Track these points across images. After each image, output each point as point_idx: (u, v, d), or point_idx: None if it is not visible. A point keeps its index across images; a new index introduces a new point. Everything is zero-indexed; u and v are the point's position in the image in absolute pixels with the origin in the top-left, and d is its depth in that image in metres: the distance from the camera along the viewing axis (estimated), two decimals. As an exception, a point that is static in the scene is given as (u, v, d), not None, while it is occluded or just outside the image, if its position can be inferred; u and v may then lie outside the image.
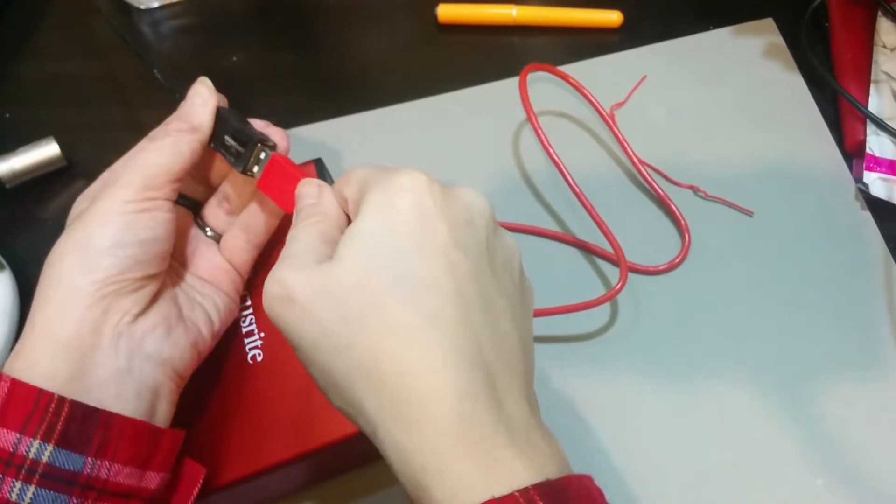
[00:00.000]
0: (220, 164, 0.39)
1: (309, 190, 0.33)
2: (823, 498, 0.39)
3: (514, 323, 0.28)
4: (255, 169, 0.36)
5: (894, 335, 0.43)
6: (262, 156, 0.36)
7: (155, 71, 0.50)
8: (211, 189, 0.40)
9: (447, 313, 0.26)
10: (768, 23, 0.55)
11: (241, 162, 0.36)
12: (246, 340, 0.40)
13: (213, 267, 0.39)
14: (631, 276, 0.46)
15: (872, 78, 0.50)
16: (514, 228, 0.48)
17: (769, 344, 0.44)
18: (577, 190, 0.45)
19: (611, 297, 0.42)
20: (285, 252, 0.30)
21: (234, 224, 0.39)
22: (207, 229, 0.39)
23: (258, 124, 0.38)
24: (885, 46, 0.52)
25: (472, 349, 0.26)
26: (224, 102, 0.38)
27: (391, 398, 0.26)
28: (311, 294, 0.27)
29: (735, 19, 0.55)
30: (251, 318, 0.41)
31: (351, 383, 0.27)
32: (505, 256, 0.30)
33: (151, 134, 0.36)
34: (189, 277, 0.38)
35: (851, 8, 0.53)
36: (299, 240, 0.30)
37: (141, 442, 0.31)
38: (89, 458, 0.29)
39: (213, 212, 0.40)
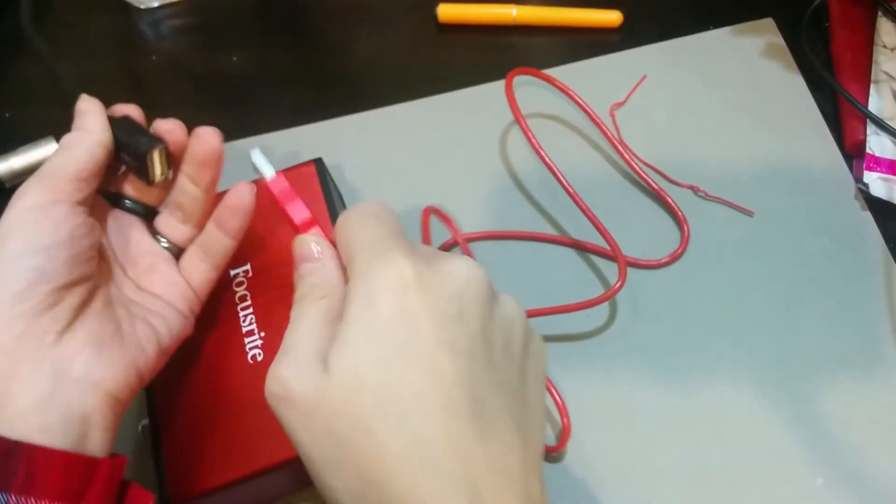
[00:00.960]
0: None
1: (308, 253, 0.31)
2: (823, 498, 0.39)
3: (512, 418, 0.27)
4: (158, 172, 0.35)
5: (894, 335, 0.43)
6: (157, 159, 0.35)
7: (63, 78, 0.48)
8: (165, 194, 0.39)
9: (433, 434, 0.25)
10: (768, 23, 0.55)
11: (143, 174, 0.36)
12: (246, 340, 0.40)
13: (167, 282, 0.37)
14: (631, 276, 0.46)
15: (872, 78, 0.50)
16: (511, 237, 0.48)
17: (769, 344, 0.44)
18: (570, 191, 0.45)
19: (610, 295, 0.42)
20: (288, 340, 0.28)
21: (193, 243, 0.38)
22: (162, 239, 0.38)
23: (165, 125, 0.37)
24: (885, 46, 0.52)
25: (460, 470, 0.25)
26: (141, 116, 0.37)
27: None
28: (309, 405, 0.26)
29: (735, 19, 0.55)
30: (251, 318, 0.41)
31: (340, 500, 0.26)
32: (505, 336, 0.28)
33: None
34: (133, 289, 0.36)
35: (851, 8, 0.53)
36: (302, 325, 0.28)
37: (72, 475, 0.28)
38: (13, 496, 0.27)
39: (166, 220, 0.38)
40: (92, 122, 0.35)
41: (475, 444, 0.26)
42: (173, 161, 0.37)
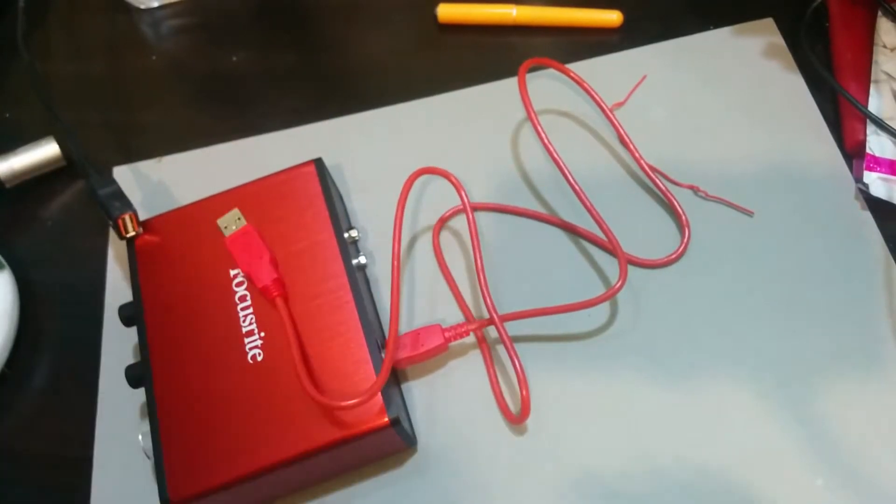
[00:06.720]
0: None
1: None
2: (823, 498, 0.39)
3: None
4: (129, 232, 0.44)
5: (894, 335, 0.43)
6: (128, 222, 0.44)
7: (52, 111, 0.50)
8: None
9: None
10: (768, 23, 0.55)
11: (116, 230, 0.45)
12: (246, 340, 0.40)
13: None
14: (631, 275, 0.46)
15: (872, 78, 0.50)
16: (516, 212, 0.48)
17: (769, 344, 0.44)
18: (576, 188, 0.45)
19: (611, 295, 0.42)
20: None
21: None
22: None
23: None
24: (885, 46, 0.52)
25: None
26: None
27: None
28: None
29: (735, 19, 0.55)
30: (251, 318, 0.41)
31: None
32: None
33: None
34: None
35: (851, 8, 0.53)
36: None
37: None
38: None
39: None
40: None
41: None
42: None
